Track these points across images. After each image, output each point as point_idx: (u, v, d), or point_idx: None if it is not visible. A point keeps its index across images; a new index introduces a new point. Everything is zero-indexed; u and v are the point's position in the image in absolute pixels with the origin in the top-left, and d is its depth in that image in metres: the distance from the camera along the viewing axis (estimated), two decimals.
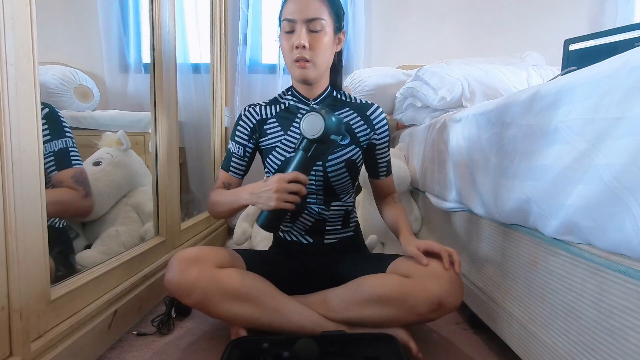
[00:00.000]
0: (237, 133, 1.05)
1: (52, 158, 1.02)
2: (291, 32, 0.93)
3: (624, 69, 0.49)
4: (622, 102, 0.49)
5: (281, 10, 0.97)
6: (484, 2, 2.16)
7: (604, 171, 0.50)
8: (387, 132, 1.08)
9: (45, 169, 1.03)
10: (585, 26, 2.15)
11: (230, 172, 1.06)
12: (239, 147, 1.05)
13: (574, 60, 0.97)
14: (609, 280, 0.53)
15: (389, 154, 1.11)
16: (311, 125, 0.81)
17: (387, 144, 1.09)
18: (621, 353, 0.50)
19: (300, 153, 0.85)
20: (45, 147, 1.00)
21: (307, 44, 0.92)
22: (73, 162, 1.05)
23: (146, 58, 1.66)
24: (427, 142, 1.35)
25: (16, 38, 0.60)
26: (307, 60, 0.93)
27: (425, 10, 2.17)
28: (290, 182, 0.83)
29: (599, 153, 0.52)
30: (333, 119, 0.82)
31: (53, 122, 1.03)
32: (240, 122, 1.05)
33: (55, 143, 1.02)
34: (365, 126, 1.05)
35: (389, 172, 1.12)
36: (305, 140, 0.83)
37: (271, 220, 0.86)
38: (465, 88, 1.33)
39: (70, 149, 1.05)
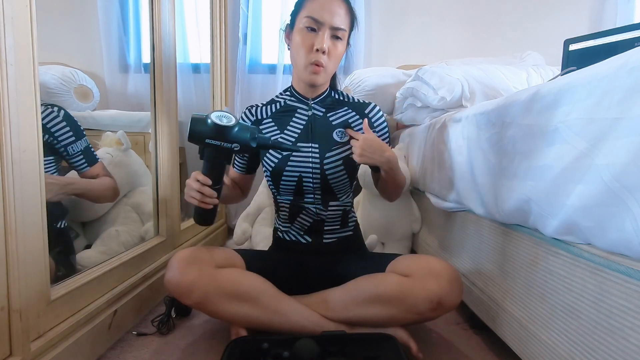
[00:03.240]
0: None
1: (81, 156, 1.11)
2: (313, 30, 0.94)
3: (624, 69, 0.49)
4: (622, 102, 0.49)
5: (303, 4, 0.96)
6: (484, 2, 2.16)
7: (604, 171, 0.50)
8: (386, 130, 1.08)
9: (77, 167, 1.12)
10: (585, 26, 2.15)
11: (234, 168, 1.11)
12: None
13: (574, 60, 0.97)
14: (609, 280, 0.53)
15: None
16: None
17: (387, 140, 1.08)
18: (621, 353, 0.50)
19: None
20: (72, 147, 1.10)
21: (326, 48, 0.93)
22: (97, 157, 1.17)
23: (146, 58, 1.66)
24: (427, 142, 1.35)
25: (16, 38, 0.60)
26: (322, 66, 0.95)
27: (425, 10, 2.17)
28: (195, 181, 0.84)
29: (599, 153, 0.52)
30: (204, 125, 0.80)
31: (72, 123, 1.10)
32: None
33: (80, 143, 1.11)
34: None
35: None
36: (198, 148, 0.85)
37: (195, 214, 0.90)
38: (465, 88, 1.33)
39: (90, 146, 1.15)
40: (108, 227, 1.31)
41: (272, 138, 1.01)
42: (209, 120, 0.81)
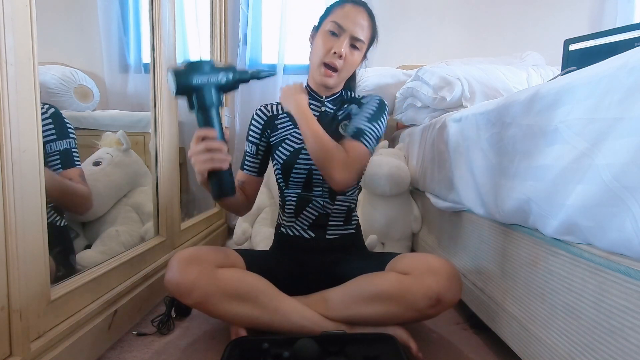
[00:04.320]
0: (250, 133, 1.09)
1: (57, 156, 1.06)
2: (335, 35, 0.97)
3: (624, 69, 0.49)
4: (622, 102, 0.49)
5: (332, 8, 0.99)
6: (484, 2, 2.16)
7: (604, 171, 0.50)
8: (375, 103, 1.03)
9: (51, 166, 1.06)
10: (585, 26, 2.15)
11: (244, 171, 1.09)
12: (251, 146, 1.08)
13: (574, 60, 0.97)
14: (609, 280, 0.53)
15: (371, 128, 0.97)
16: (170, 85, 0.78)
17: (369, 110, 1.01)
18: (621, 353, 0.50)
19: (194, 113, 0.80)
20: (50, 145, 1.05)
21: (344, 54, 0.96)
22: (76, 163, 1.11)
23: (146, 58, 1.66)
24: (427, 142, 1.35)
25: (16, 38, 0.60)
26: (335, 70, 0.98)
27: (425, 10, 2.17)
28: (200, 142, 0.77)
29: (599, 153, 0.52)
30: (185, 71, 0.78)
31: (59, 122, 1.07)
32: (253, 122, 1.09)
33: (60, 143, 1.07)
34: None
35: (354, 134, 0.96)
36: (187, 102, 0.80)
37: (212, 186, 0.81)
38: (465, 88, 1.33)
39: (73, 149, 1.09)
40: (108, 227, 1.31)
41: (286, 132, 1.04)
42: (186, 63, 0.79)
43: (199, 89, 0.78)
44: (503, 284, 0.84)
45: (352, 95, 1.12)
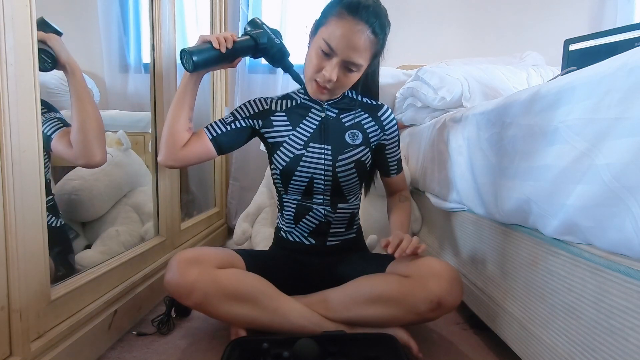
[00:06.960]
0: (238, 109, 1.03)
1: (57, 120, 1.07)
2: (326, 55, 0.89)
3: (624, 69, 0.49)
4: (622, 102, 0.49)
5: (329, 18, 0.88)
6: (484, 2, 2.16)
7: (604, 171, 0.50)
8: (396, 132, 1.09)
9: (55, 128, 1.07)
10: (585, 26, 2.15)
11: (204, 128, 0.99)
12: (230, 116, 1.02)
13: (574, 60, 0.97)
14: (609, 280, 0.53)
15: (399, 153, 1.13)
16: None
17: (396, 143, 1.11)
18: (621, 353, 0.50)
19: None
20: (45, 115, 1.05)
21: (334, 79, 0.90)
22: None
23: (146, 58, 1.66)
24: (427, 142, 1.35)
25: (16, 38, 0.60)
26: (327, 89, 0.93)
27: (425, 10, 2.17)
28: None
29: (599, 153, 0.52)
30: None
31: (46, 104, 1.07)
32: (246, 104, 1.04)
33: (54, 114, 1.09)
34: (376, 127, 1.06)
35: (399, 170, 1.14)
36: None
37: (202, 48, 0.90)
38: (465, 88, 1.33)
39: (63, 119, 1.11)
40: (108, 227, 1.31)
41: (285, 134, 1.01)
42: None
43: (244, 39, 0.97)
44: (503, 284, 0.84)
45: (356, 97, 1.06)
